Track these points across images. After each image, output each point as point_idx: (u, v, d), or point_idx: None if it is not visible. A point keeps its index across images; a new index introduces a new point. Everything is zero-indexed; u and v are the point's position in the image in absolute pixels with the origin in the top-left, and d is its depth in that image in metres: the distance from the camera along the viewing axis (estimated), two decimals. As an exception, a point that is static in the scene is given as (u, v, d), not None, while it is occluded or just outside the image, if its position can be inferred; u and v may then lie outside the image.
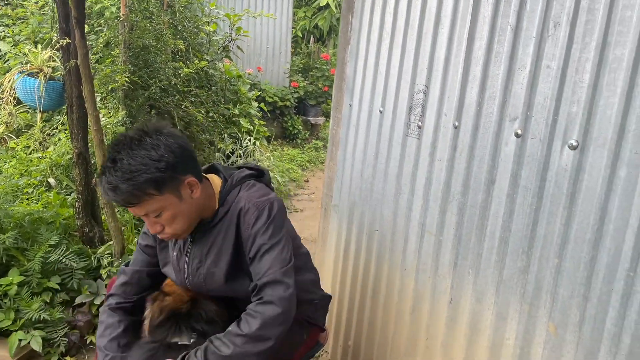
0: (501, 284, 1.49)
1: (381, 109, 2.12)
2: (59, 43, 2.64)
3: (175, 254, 1.68)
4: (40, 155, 3.63)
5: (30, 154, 3.13)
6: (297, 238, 1.81)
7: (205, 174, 1.65)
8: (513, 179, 1.46)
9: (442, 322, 1.73)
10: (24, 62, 2.77)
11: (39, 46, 2.93)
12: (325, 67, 8.16)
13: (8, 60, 6.06)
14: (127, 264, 1.79)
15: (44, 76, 2.72)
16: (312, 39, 9.88)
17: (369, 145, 2.21)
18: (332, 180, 2.59)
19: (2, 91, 2.86)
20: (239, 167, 1.73)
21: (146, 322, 1.58)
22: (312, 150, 7.43)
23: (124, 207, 1.54)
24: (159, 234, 1.54)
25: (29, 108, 3.35)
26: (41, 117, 2.99)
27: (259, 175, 1.72)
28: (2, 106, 2.85)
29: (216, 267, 1.59)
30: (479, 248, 1.58)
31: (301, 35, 9.87)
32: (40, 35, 5.93)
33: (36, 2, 6.41)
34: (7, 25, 6.71)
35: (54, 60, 2.83)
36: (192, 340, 1.52)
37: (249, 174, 1.68)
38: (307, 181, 6.31)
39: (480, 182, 1.58)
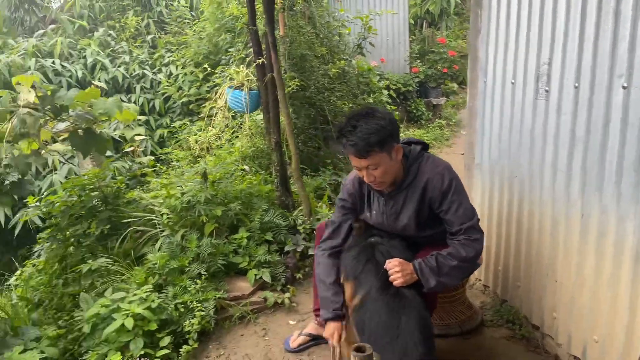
0: (620, 197, 2.05)
1: (513, 81, 2.72)
2: (254, 62, 3.59)
3: (374, 212, 2.33)
4: (230, 150, 4.71)
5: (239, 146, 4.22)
6: None
7: None
8: (624, 118, 2.00)
9: (576, 233, 2.31)
10: (229, 79, 3.77)
11: (242, 66, 3.93)
12: (442, 50, 8.57)
13: (178, 80, 7.43)
14: (331, 220, 2.46)
15: (246, 88, 3.71)
16: (424, 24, 10.33)
17: (505, 110, 2.82)
18: (473, 145, 3.22)
19: (216, 102, 3.92)
20: (407, 142, 2.33)
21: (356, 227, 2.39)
22: (436, 129, 7.92)
23: (359, 157, 2.06)
24: (371, 183, 2.16)
25: (234, 113, 4.43)
26: (249, 118, 4.02)
27: (425, 147, 2.36)
28: (219, 113, 3.91)
29: (409, 221, 2.26)
30: (602, 174, 2.14)
31: (413, 22, 10.34)
32: (201, 56, 7.22)
33: (194, 30, 7.75)
34: (172, 51, 8.16)
35: (248, 76, 3.80)
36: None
37: (421, 149, 2.29)
38: (436, 157, 6.88)
39: (598, 125, 2.13)
